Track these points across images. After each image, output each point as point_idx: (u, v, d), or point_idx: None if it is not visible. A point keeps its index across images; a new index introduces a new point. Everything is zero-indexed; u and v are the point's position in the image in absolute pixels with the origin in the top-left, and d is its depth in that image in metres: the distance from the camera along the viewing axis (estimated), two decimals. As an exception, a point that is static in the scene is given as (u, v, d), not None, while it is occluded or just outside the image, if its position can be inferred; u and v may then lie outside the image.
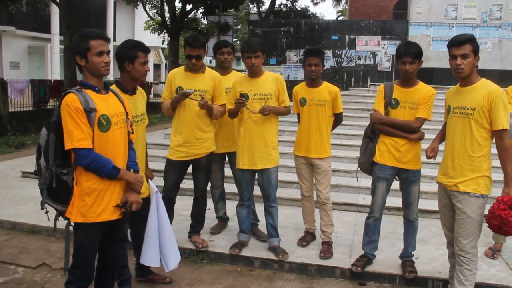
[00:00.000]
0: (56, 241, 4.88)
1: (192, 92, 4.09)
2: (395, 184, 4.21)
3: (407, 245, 4.24)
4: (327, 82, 4.58)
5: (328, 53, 13.65)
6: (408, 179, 4.05)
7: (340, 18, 36.36)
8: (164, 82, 25.26)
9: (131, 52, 3.33)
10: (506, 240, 4.79)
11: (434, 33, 13.49)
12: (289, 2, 24.08)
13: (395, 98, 3.99)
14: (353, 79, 13.50)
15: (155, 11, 19.08)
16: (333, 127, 4.64)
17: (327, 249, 4.55)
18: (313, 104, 4.45)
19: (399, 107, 3.97)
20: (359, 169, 4.29)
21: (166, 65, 25.57)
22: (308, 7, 25.56)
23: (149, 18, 19.40)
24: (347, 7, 27.37)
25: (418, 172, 4.06)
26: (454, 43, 3.37)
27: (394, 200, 5.18)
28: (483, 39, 13.29)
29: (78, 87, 2.76)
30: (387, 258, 4.47)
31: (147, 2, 18.37)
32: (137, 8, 18.25)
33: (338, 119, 4.63)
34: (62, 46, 13.87)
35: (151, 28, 19.29)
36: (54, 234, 4.95)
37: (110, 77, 16.53)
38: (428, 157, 3.67)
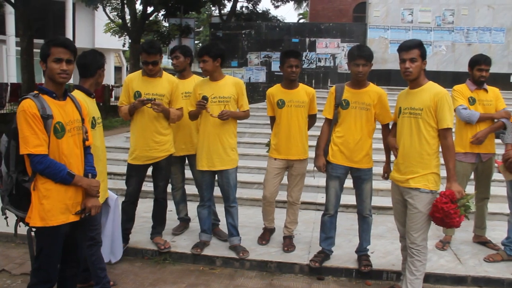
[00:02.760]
0: (15, 247, 4.84)
1: (151, 101, 4.17)
2: (352, 183, 4.39)
3: (362, 240, 4.43)
4: (302, 83, 4.70)
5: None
6: (361, 177, 4.23)
7: (302, 20, 36.81)
8: (121, 85, 25.05)
9: (102, 60, 3.49)
10: (455, 232, 5.06)
11: (392, 36, 13.91)
12: (250, 4, 24.24)
13: (345, 99, 4.17)
14: (313, 80, 13.77)
15: (115, 13, 18.84)
16: (308, 128, 4.74)
17: (289, 242, 4.73)
18: (292, 106, 4.53)
19: (350, 107, 4.14)
20: (315, 168, 4.45)
21: (127, 67, 25.33)
22: (269, 9, 25.81)
23: (109, 21, 19.13)
24: (308, 9, 27.75)
25: (369, 171, 4.25)
26: (403, 48, 3.59)
27: (351, 198, 5.34)
28: (437, 42, 13.83)
29: (36, 92, 2.80)
30: (344, 254, 4.65)
31: (107, 4, 18.13)
32: (97, 10, 17.97)
33: (312, 120, 4.76)
34: (19, 48, 13.55)
35: (111, 30, 19.04)
36: (13, 240, 4.89)
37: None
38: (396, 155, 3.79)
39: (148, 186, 4.66)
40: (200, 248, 4.59)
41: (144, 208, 5.27)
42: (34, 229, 2.86)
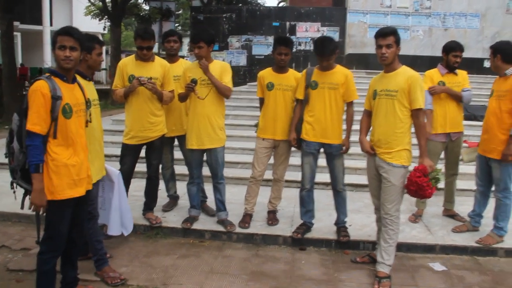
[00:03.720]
0: (12, 225, 5.06)
1: (147, 79, 4.42)
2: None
3: (339, 213, 4.79)
4: (291, 69, 4.96)
5: (269, 39, 14.08)
6: (332, 153, 4.58)
7: (282, 4, 36.83)
8: (105, 68, 24.83)
9: (89, 44, 3.61)
10: (427, 207, 5.46)
11: (371, 20, 14.18)
12: (231, -13, 24.25)
13: (314, 80, 4.51)
14: (293, 64, 13.97)
15: (95, -4, 18.74)
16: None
17: (273, 217, 5.06)
18: (281, 89, 4.78)
19: (319, 87, 4.49)
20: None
21: (107, 51, 25.20)
22: (250, -7, 25.77)
23: (89, 3, 18.99)
24: (288, -7, 27.80)
25: (339, 147, 4.59)
26: (380, 35, 3.90)
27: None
28: (415, 27, 14.16)
29: (48, 74, 3.04)
30: (324, 226, 5.00)
31: (87, -13, 18.03)
32: (76, -7, 17.88)
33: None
34: (-1, 31, 13.45)
35: (92, 13, 18.92)
36: (10, 218, 5.13)
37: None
38: (370, 154, 4.08)
39: (138, 166, 4.91)
40: (190, 223, 4.88)
41: (134, 187, 5.49)
42: None
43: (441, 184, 5.38)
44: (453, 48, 5.07)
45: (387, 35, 3.86)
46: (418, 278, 4.13)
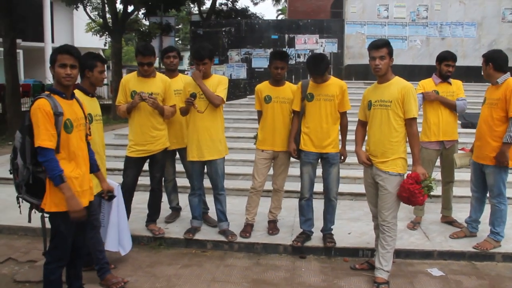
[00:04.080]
0: (18, 239, 5.16)
1: (148, 95, 4.58)
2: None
3: (326, 221, 4.90)
4: (288, 81, 5.09)
5: (269, 52, 14.22)
6: (329, 161, 4.70)
7: (280, 16, 37.19)
8: (106, 84, 25.06)
9: (91, 62, 3.76)
10: (425, 214, 5.55)
11: (368, 31, 14.33)
12: (229, 1, 24.51)
13: (310, 93, 4.65)
14: (293, 76, 14.13)
15: (96, 12, 18.97)
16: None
17: (274, 226, 5.16)
18: (278, 101, 4.92)
19: (315, 99, 4.63)
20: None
21: (108, 66, 25.45)
22: (248, 7, 26.10)
23: (90, 20, 19.25)
24: (286, 5, 28.11)
25: (337, 156, 4.72)
26: (373, 47, 4.04)
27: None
28: (412, 36, 14.31)
29: (47, 92, 3.18)
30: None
31: (88, 4, 18.27)
32: (77, 10, 18.04)
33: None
34: (1, 49, 13.65)
35: (92, 30, 19.17)
36: (16, 232, 5.24)
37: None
38: (366, 165, 4.21)
39: (141, 179, 5.04)
40: (192, 233, 4.99)
41: (137, 200, 5.60)
42: (46, 215, 3.24)
43: (438, 192, 5.53)
44: (445, 57, 5.22)
45: (380, 47, 3.99)
46: (416, 283, 4.21)
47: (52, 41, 25.04)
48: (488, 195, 4.84)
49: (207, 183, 5.09)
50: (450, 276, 4.35)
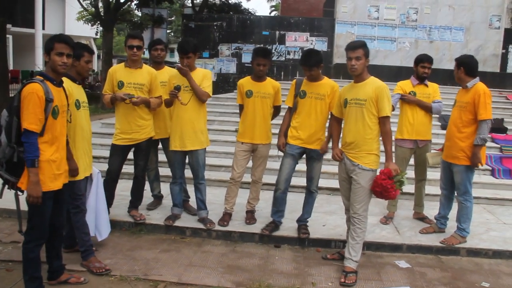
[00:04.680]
0: (2, 220, 5.31)
1: (130, 97, 4.77)
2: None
3: (304, 211, 5.11)
4: (269, 77, 5.26)
5: (259, 48, 14.35)
6: (313, 157, 4.90)
7: (274, 13, 37.30)
8: (96, 72, 24.98)
9: (78, 51, 3.91)
10: (398, 210, 5.78)
11: (358, 31, 14.49)
12: (222, -5, 24.58)
13: (303, 90, 4.83)
14: (282, 73, 14.25)
15: (88, 1, 18.93)
16: (272, 118, 5.33)
17: (251, 216, 5.36)
18: (259, 96, 5.10)
19: (307, 97, 4.80)
20: (279, 152, 5.09)
21: (98, 55, 25.34)
22: (241, 2, 26.15)
23: (82, 9, 19.21)
24: (280, 2, 28.24)
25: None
26: (350, 48, 4.24)
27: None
28: (401, 38, 14.50)
29: (41, 78, 3.33)
30: (298, 226, 5.28)
31: (80, -8, 18.22)
32: (69, -2, 18.04)
33: (277, 110, 5.36)
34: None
35: (84, 19, 19.12)
36: (0, 214, 5.37)
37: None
38: (337, 160, 4.43)
39: (124, 168, 5.20)
40: (172, 220, 5.17)
41: (121, 187, 5.76)
42: (20, 194, 3.39)
43: (411, 189, 5.76)
44: (421, 59, 5.45)
45: (356, 48, 4.19)
46: (383, 274, 4.43)
47: (43, 28, 24.91)
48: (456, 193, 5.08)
49: (188, 173, 5.26)
50: (416, 268, 4.58)
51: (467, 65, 4.85)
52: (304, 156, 4.99)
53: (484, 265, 4.76)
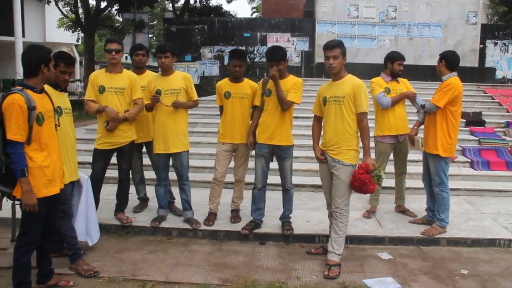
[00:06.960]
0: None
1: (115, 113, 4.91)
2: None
3: (285, 209, 5.22)
4: (246, 78, 5.36)
5: (241, 50, 14.47)
6: (281, 156, 5.01)
7: (255, 14, 37.47)
8: (79, 80, 24.79)
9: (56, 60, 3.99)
10: (380, 204, 5.92)
11: (339, 30, 14.71)
12: (203, -1, 24.61)
13: (269, 88, 4.94)
14: (264, 74, 14.36)
15: (68, 8, 18.85)
16: (251, 117, 5.37)
17: (236, 215, 5.45)
18: (237, 97, 5.20)
19: (272, 94, 4.89)
20: (252, 151, 5.23)
21: (81, 62, 25.18)
22: (222, 4, 26.17)
23: (62, 16, 19.11)
24: (261, 3, 28.35)
25: (288, 149, 5.02)
26: (327, 47, 4.36)
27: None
28: (381, 36, 14.75)
29: (20, 88, 3.39)
30: (283, 223, 5.39)
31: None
32: (49, 5, 17.85)
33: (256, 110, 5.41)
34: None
35: (65, 26, 19.04)
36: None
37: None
38: (321, 161, 4.53)
39: (109, 172, 5.27)
40: (158, 222, 5.25)
41: (107, 191, 5.82)
42: (17, 203, 3.46)
43: (392, 183, 5.90)
44: (397, 57, 5.58)
45: (333, 47, 4.31)
46: (365, 265, 4.55)
47: (23, 36, 24.67)
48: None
49: (173, 175, 5.33)
50: (398, 259, 4.71)
51: (448, 59, 5.06)
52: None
53: (463, 253, 4.91)
